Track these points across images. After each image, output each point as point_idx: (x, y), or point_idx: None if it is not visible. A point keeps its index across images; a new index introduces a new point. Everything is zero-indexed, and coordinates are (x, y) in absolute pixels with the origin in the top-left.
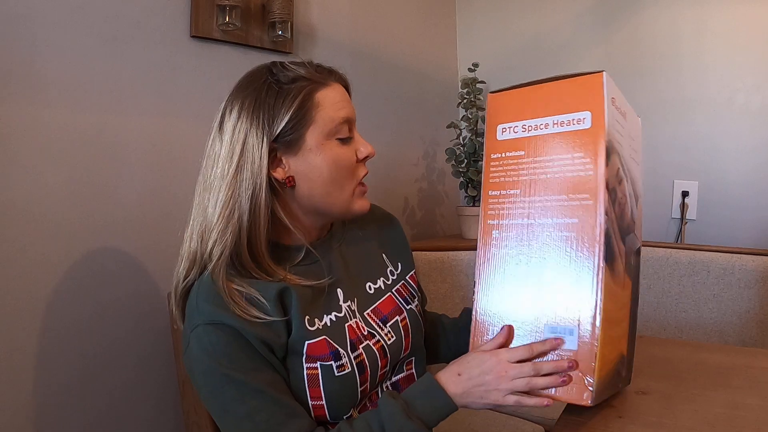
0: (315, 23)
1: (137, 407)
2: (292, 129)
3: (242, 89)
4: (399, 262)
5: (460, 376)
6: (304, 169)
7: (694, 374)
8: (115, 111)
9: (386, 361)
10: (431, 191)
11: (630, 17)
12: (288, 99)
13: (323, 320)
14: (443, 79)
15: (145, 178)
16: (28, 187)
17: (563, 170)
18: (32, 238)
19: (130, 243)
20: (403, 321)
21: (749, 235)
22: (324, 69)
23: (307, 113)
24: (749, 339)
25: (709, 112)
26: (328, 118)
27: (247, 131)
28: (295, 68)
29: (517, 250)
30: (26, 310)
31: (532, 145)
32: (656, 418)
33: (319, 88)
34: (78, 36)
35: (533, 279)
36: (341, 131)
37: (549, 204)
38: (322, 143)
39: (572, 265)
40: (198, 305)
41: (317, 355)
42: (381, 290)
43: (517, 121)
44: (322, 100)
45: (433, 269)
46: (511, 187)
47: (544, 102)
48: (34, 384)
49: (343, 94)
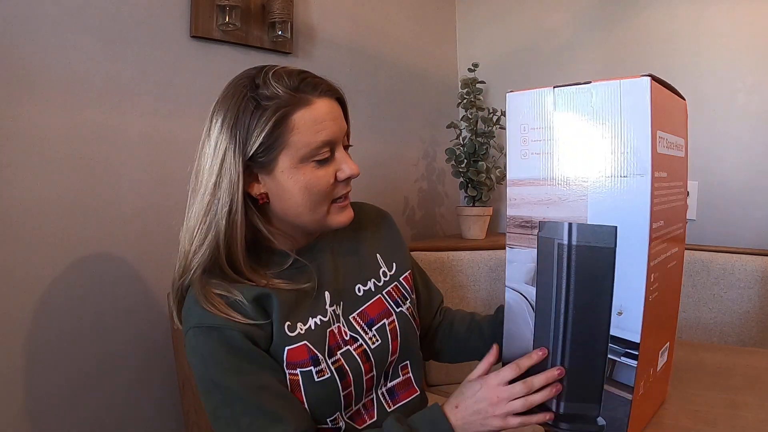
0: (315, 23)
1: (138, 408)
2: (264, 152)
3: (226, 99)
4: (393, 262)
5: (457, 408)
6: (276, 190)
7: (694, 374)
8: (115, 111)
9: (370, 366)
10: (431, 191)
11: (630, 17)
12: (262, 120)
13: (307, 323)
14: (443, 79)
15: (145, 177)
16: (28, 187)
17: (676, 198)
18: (32, 238)
19: (130, 244)
20: (391, 324)
21: (749, 235)
22: (309, 84)
23: (279, 137)
24: (749, 339)
25: (709, 112)
26: (303, 142)
27: (226, 148)
28: (275, 84)
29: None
30: (26, 311)
31: (670, 167)
32: (656, 418)
33: (296, 109)
34: (78, 36)
35: None
36: (319, 154)
37: (672, 235)
38: (295, 167)
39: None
40: (189, 308)
41: (297, 361)
42: (371, 292)
43: (666, 132)
44: (298, 123)
45: (433, 269)
46: (661, 217)
47: (671, 115)
48: (36, 386)
49: (328, 112)
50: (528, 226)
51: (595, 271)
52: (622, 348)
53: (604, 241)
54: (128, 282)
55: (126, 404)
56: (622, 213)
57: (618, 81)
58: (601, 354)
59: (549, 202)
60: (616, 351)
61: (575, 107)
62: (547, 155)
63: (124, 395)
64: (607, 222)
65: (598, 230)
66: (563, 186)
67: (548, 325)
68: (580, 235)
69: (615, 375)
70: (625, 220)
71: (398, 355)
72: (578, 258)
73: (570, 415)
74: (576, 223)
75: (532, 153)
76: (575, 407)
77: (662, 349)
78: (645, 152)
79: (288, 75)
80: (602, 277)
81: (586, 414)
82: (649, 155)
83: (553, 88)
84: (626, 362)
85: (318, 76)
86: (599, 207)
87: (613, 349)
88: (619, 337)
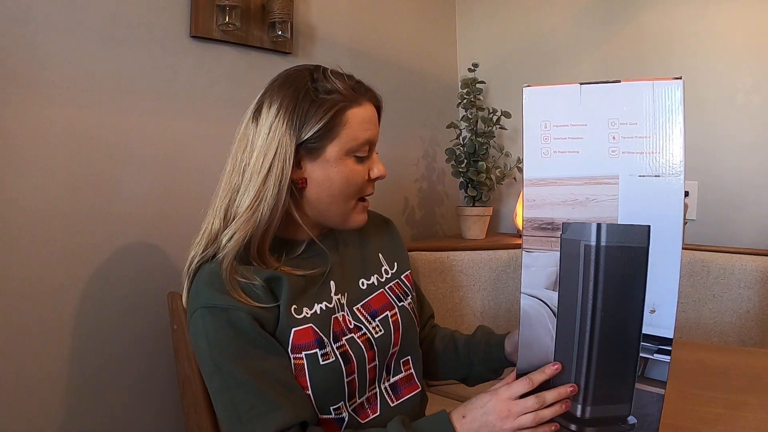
0: (315, 23)
1: (138, 408)
2: (317, 139)
3: (283, 87)
4: (395, 261)
5: (464, 418)
6: (317, 176)
7: (694, 374)
8: (115, 111)
9: (373, 354)
10: (431, 191)
11: (630, 17)
12: (321, 110)
13: (313, 308)
14: (443, 79)
15: (145, 177)
16: (29, 187)
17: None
18: (33, 238)
19: (130, 243)
20: (393, 316)
21: (749, 235)
22: (362, 87)
23: (334, 128)
24: (749, 339)
25: (709, 112)
26: (352, 136)
27: (282, 132)
28: (334, 81)
29: None
30: (26, 310)
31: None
32: None
33: (351, 106)
34: (78, 36)
35: None
36: (361, 150)
37: None
38: (340, 158)
39: None
40: (198, 289)
41: (302, 343)
42: (374, 286)
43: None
44: (351, 118)
45: (432, 269)
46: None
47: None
48: (36, 386)
49: (372, 116)
50: (549, 228)
51: (626, 271)
52: (656, 345)
53: (637, 240)
54: (129, 282)
55: (126, 404)
56: (656, 211)
57: (651, 82)
58: (632, 354)
59: (575, 202)
60: (649, 349)
61: (604, 106)
62: (574, 154)
63: (125, 395)
64: (639, 221)
65: (630, 230)
66: (592, 185)
67: (572, 330)
68: (610, 235)
69: (647, 372)
70: (659, 219)
71: (399, 347)
72: (608, 259)
73: (596, 418)
74: (605, 223)
75: (556, 151)
76: (602, 410)
77: None
78: (679, 153)
79: (346, 75)
80: (634, 276)
81: (614, 415)
82: (682, 156)
83: (579, 85)
84: (660, 358)
85: (366, 84)
86: (632, 206)
87: (646, 347)
88: (652, 335)
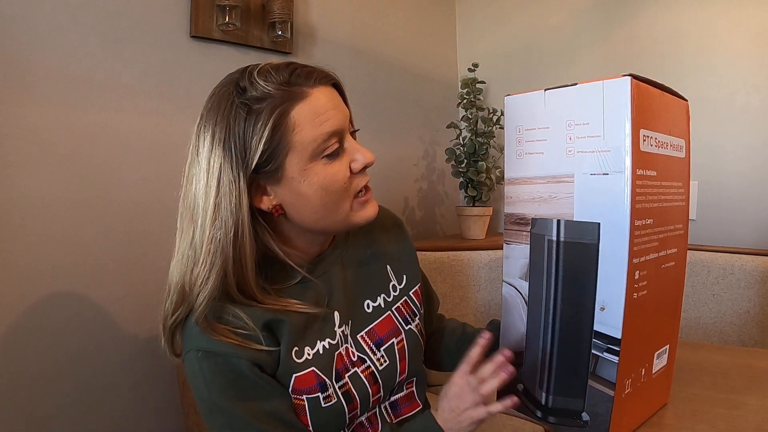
0: (315, 23)
1: (138, 408)
2: (268, 160)
3: (212, 112)
4: (404, 274)
5: (437, 411)
6: (290, 199)
7: (694, 374)
8: (115, 111)
9: (377, 388)
10: (431, 191)
11: (630, 17)
12: (258, 126)
13: (315, 347)
14: (443, 79)
15: (144, 177)
16: (28, 187)
17: (672, 198)
18: (31, 238)
19: (130, 243)
20: (399, 344)
21: (749, 235)
22: (300, 74)
23: (282, 140)
24: (749, 339)
25: (709, 112)
26: (308, 139)
27: (221, 165)
28: (263, 83)
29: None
30: (24, 312)
31: (661, 166)
32: (656, 418)
33: (292, 104)
34: (78, 36)
35: None
36: (328, 148)
37: (667, 235)
38: (305, 168)
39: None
40: (191, 330)
41: (304, 388)
42: (380, 309)
43: (654, 131)
44: (297, 119)
45: (432, 269)
46: (647, 215)
47: (662, 115)
48: (36, 387)
49: (326, 102)
50: (522, 223)
51: (580, 267)
52: (605, 343)
53: (588, 237)
54: (129, 282)
55: (126, 404)
56: (604, 209)
57: (601, 82)
58: (585, 349)
59: (540, 199)
60: (599, 346)
61: (563, 108)
62: (539, 155)
63: (125, 395)
64: (592, 219)
65: (582, 227)
66: (553, 184)
67: (539, 320)
68: (567, 231)
69: (598, 370)
70: (607, 217)
71: (406, 374)
72: (566, 254)
73: (558, 409)
74: (563, 219)
75: (526, 153)
76: (562, 401)
77: (659, 351)
78: (624, 150)
79: (275, 70)
80: (586, 272)
81: (572, 408)
82: (628, 152)
83: (544, 91)
84: (608, 358)
85: (308, 65)
86: (584, 204)
87: (597, 344)
88: (601, 332)
